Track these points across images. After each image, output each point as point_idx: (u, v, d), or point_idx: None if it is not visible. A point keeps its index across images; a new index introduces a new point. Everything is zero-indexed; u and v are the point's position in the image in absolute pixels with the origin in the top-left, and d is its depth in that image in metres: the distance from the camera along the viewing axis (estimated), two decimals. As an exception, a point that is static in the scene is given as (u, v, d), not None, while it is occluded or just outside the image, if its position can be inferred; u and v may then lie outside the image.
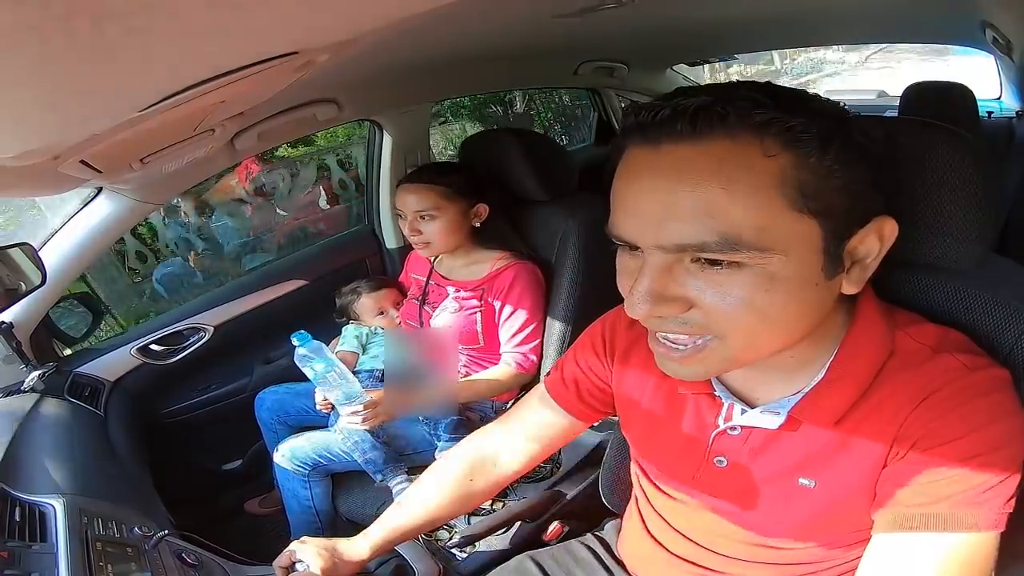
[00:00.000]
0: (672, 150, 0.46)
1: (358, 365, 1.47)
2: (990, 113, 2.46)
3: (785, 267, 0.46)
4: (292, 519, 1.39)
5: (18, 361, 1.25)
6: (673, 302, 0.49)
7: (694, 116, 0.45)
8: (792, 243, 0.46)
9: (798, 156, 0.45)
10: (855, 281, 0.51)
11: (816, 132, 0.45)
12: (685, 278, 0.48)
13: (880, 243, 0.50)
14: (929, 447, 0.51)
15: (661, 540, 0.74)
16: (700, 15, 1.44)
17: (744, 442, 0.62)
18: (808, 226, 0.46)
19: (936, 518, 0.50)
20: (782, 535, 0.62)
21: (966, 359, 0.53)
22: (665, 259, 0.48)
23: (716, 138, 0.45)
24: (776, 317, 0.48)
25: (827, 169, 0.45)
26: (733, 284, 0.47)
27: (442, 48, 1.24)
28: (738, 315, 0.48)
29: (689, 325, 0.50)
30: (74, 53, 0.27)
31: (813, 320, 0.52)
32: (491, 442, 0.85)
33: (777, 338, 0.51)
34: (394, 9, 0.43)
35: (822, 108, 0.47)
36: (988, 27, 1.42)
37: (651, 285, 0.48)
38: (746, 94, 0.45)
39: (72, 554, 0.76)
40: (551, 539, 1.02)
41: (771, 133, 0.44)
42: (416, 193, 1.32)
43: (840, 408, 0.56)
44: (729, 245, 0.45)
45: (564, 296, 1.32)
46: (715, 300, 0.48)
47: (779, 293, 0.47)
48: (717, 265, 0.47)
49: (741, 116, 0.44)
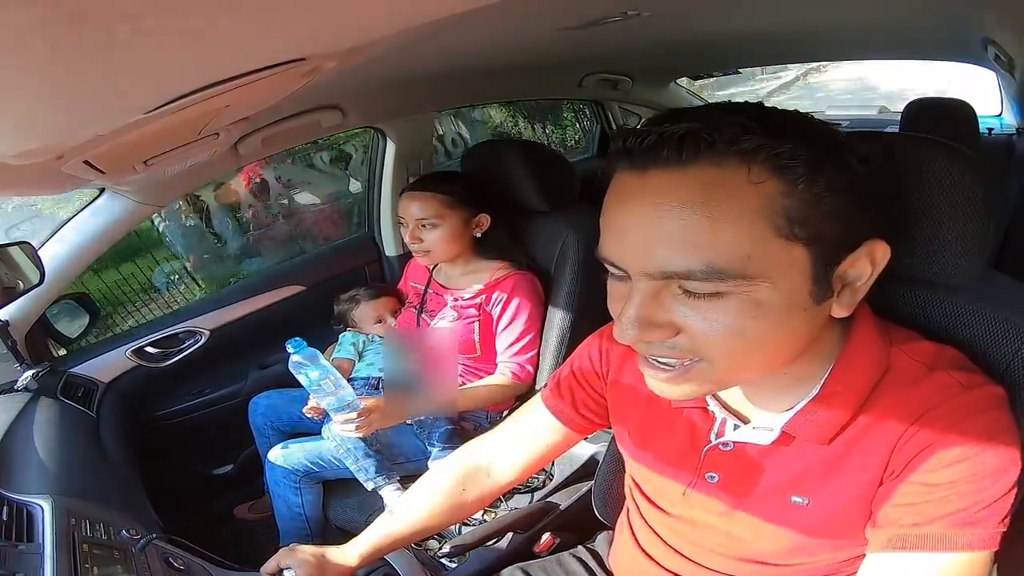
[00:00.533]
0: (658, 176, 0.45)
1: (354, 372, 1.46)
2: (991, 130, 2.48)
3: (772, 294, 0.46)
4: (282, 525, 1.37)
5: (12, 360, 1.24)
6: (660, 328, 0.49)
7: (680, 142, 0.44)
8: (779, 270, 0.46)
9: (786, 183, 0.44)
10: (845, 305, 0.51)
11: (805, 158, 0.44)
12: (672, 304, 0.48)
13: (872, 267, 0.50)
14: (924, 466, 0.51)
15: (652, 554, 0.74)
16: (704, 30, 1.46)
17: (736, 458, 0.62)
18: (796, 253, 0.46)
19: (931, 538, 0.50)
20: (775, 553, 0.62)
21: (961, 376, 0.53)
22: (652, 285, 0.48)
23: (702, 165, 0.44)
24: (763, 342, 0.48)
25: (816, 196, 0.45)
26: (719, 311, 0.47)
27: (447, 58, 1.25)
28: (724, 341, 0.48)
29: (677, 349, 0.50)
30: (82, 53, 0.27)
31: (802, 344, 0.52)
32: (485, 452, 0.84)
33: (765, 361, 0.51)
34: (402, 18, 0.43)
35: (813, 133, 0.46)
36: (990, 44, 1.44)
37: (638, 311, 0.48)
38: (734, 119, 0.44)
39: (58, 555, 0.75)
40: (542, 551, 1.01)
41: (759, 160, 0.44)
42: (419, 201, 1.32)
43: (834, 425, 0.56)
44: (715, 274, 0.45)
45: (562, 307, 1.32)
46: (702, 326, 0.48)
47: (766, 320, 0.47)
48: (702, 295, 0.47)
49: (728, 143, 0.44)
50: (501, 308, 1.32)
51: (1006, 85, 2.20)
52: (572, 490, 1.13)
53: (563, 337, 1.32)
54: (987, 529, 0.49)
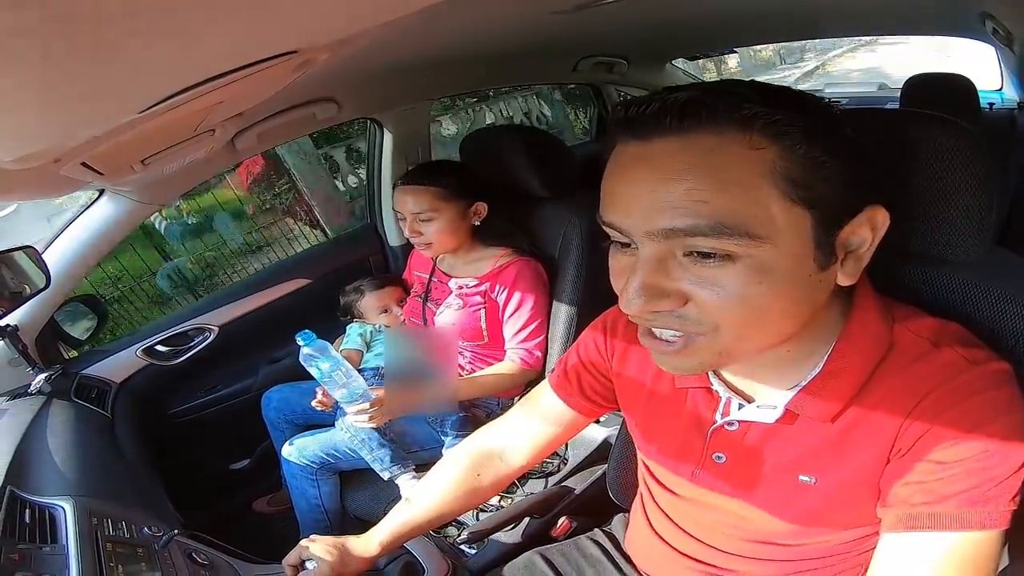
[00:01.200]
0: (662, 143, 0.46)
1: (362, 363, 1.47)
2: (991, 104, 2.44)
3: (777, 257, 0.47)
4: (301, 517, 1.39)
5: (24, 364, 1.25)
6: (668, 297, 0.49)
7: (682, 110, 0.45)
8: (783, 233, 0.46)
9: (785, 148, 0.45)
10: (850, 273, 0.51)
11: (801, 125, 0.45)
12: (678, 272, 0.48)
13: (872, 233, 0.50)
14: (933, 445, 0.50)
15: (665, 537, 0.74)
16: (699, 9, 1.43)
17: (742, 438, 0.62)
18: (798, 216, 0.47)
19: (943, 517, 0.50)
20: (785, 532, 0.62)
21: (967, 352, 0.53)
22: (657, 251, 0.48)
23: (703, 132, 0.45)
24: (769, 309, 0.48)
25: (814, 160, 0.46)
26: (726, 277, 0.47)
27: (441, 46, 1.24)
28: (732, 308, 0.48)
29: (684, 320, 0.50)
30: (74, 55, 0.27)
31: (806, 313, 0.52)
32: (497, 438, 0.85)
33: (771, 331, 0.51)
34: (392, 7, 0.43)
35: (808, 104, 0.47)
36: (988, 18, 1.41)
37: (644, 279, 0.49)
38: (733, 89, 0.46)
39: (83, 555, 0.76)
40: (559, 535, 1.02)
41: (757, 127, 0.45)
42: (412, 195, 1.31)
43: (838, 403, 0.55)
44: (721, 230, 0.45)
45: (568, 292, 1.32)
46: (709, 293, 0.48)
47: (772, 284, 0.47)
48: (709, 258, 0.47)
49: (728, 111, 0.45)
50: (507, 295, 1.32)
51: (1005, 59, 2.16)
52: (587, 474, 1.14)
53: (570, 322, 1.31)
54: (998, 507, 0.49)
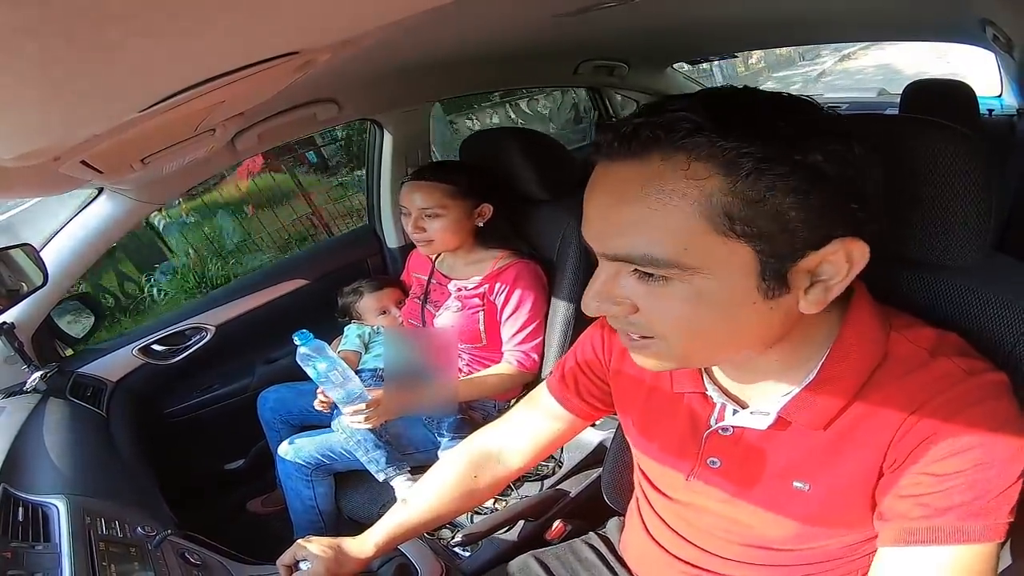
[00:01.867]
0: (617, 167, 0.49)
1: (361, 364, 1.47)
2: (991, 111, 2.45)
3: (712, 285, 0.48)
4: (295, 518, 1.39)
5: (20, 362, 1.25)
6: (619, 304, 0.53)
7: (631, 137, 0.47)
8: (717, 264, 0.47)
9: (727, 180, 0.45)
10: (814, 301, 0.50)
11: (752, 156, 0.44)
12: (628, 284, 0.52)
13: (849, 264, 0.49)
14: (930, 457, 0.50)
15: (661, 541, 0.74)
16: (700, 14, 1.44)
17: (736, 443, 0.62)
18: (736, 249, 0.47)
19: (942, 531, 0.50)
20: (780, 537, 0.62)
21: (964, 363, 0.52)
22: (611, 266, 0.52)
23: (651, 159, 0.47)
24: (710, 330, 0.51)
25: (759, 195, 0.45)
26: (663, 296, 0.50)
27: (442, 48, 1.24)
28: (672, 323, 0.51)
29: (635, 326, 0.54)
30: (75, 54, 0.27)
31: (761, 335, 0.52)
32: (494, 440, 0.85)
33: (719, 348, 0.54)
34: (394, 9, 0.43)
35: (772, 130, 0.45)
36: (988, 25, 1.42)
37: (600, 287, 0.53)
38: (690, 115, 0.45)
39: (76, 554, 0.76)
40: (554, 538, 1.02)
41: (702, 156, 0.45)
42: (422, 191, 1.32)
43: (830, 411, 0.55)
44: (650, 261, 0.48)
45: (566, 295, 1.32)
46: (651, 307, 0.51)
47: (707, 309, 0.49)
48: (649, 276, 0.50)
49: (674, 139, 0.45)
50: (505, 297, 1.32)
51: (1005, 66, 2.17)
52: (582, 477, 1.14)
53: (568, 325, 1.32)
54: (997, 519, 0.49)
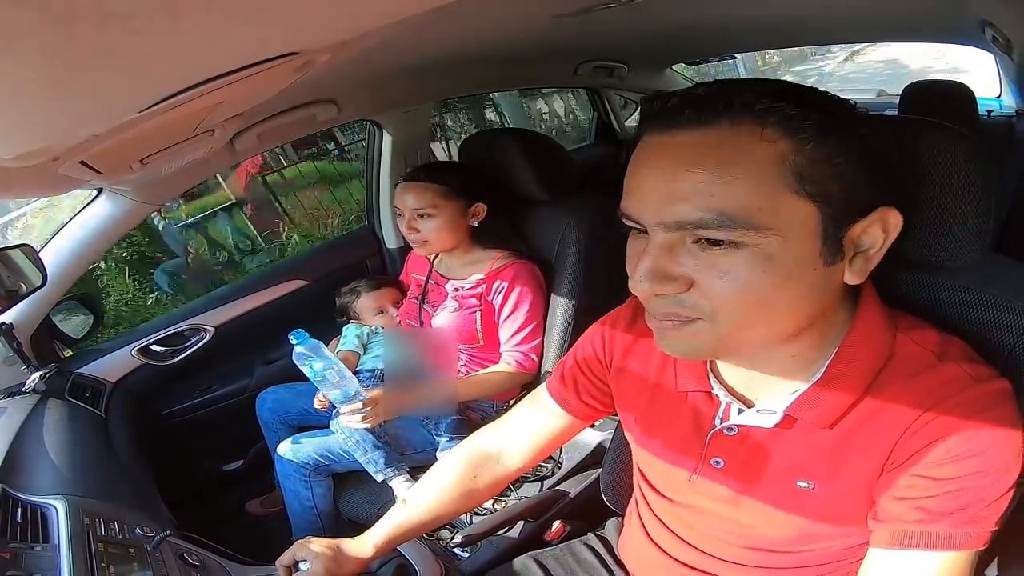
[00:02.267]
0: (680, 136, 0.49)
1: (359, 364, 1.47)
2: (989, 112, 2.46)
3: (782, 248, 0.48)
4: (294, 519, 1.39)
5: (19, 362, 1.25)
6: (673, 281, 0.50)
7: (700, 104, 0.48)
8: (789, 224, 0.47)
9: (797, 142, 0.47)
10: (857, 272, 0.52)
11: (815, 121, 0.47)
12: (686, 258, 0.50)
13: (885, 234, 0.51)
14: (929, 459, 0.51)
15: (660, 544, 0.74)
16: (700, 14, 1.44)
17: (741, 443, 0.62)
18: (806, 209, 0.48)
19: (936, 537, 0.51)
20: (782, 539, 0.62)
21: (971, 369, 0.53)
22: (667, 238, 0.50)
23: (720, 125, 0.47)
24: (771, 299, 0.49)
25: (825, 156, 0.47)
26: (731, 264, 0.48)
27: (441, 48, 1.24)
28: (734, 295, 0.49)
29: (686, 306, 0.51)
30: (74, 54, 0.27)
31: (810, 307, 0.52)
32: (494, 440, 0.85)
33: (772, 322, 0.52)
34: (394, 9, 0.43)
35: (824, 102, 0.49)
36: (987, 26, 1.42)
37: (653, 264, 0.50)
38: (753, 86, 0.48)
39: (74, 555, 0.76)
40: (553, 538, 1.02)
41: (771, 121, 0.46)
42: (414, 191, 1.32)
43: (837, 409, 0.56)
44: (726, 222, 0.47)
45: (565, 295, 1.32)
46: (713, 280, 0.49)
47: (775, 274, 0.48)
48: (717, 245, 0.48)
49: (743, 106, 0.47)
50: (503, 298, 1.32)
51: (1004, 67, 2.18)
52: (581, 478, 1.14)
53: (567, 325, 1.32)
54: (985, 527, 0.50)
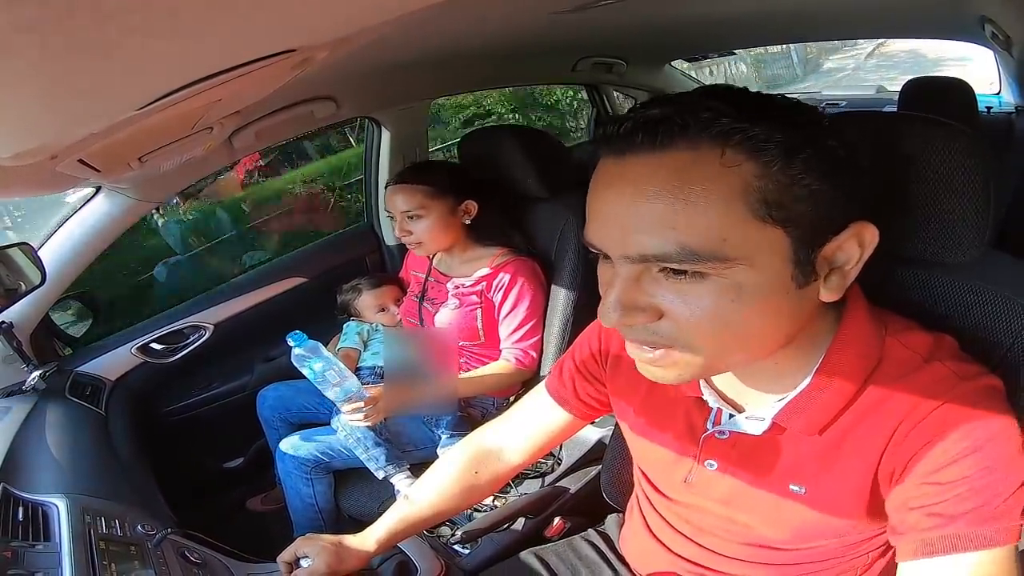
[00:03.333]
0: (635, 161, 0.46)
1: (360, 362, 1.47)
2: (989, 108, 2.46)
3: (751, 276, 0.46)
4: (295, 516, 1.39)
5: (19, 361, 1.25)
6: (643, 312, 0.49)
7: (654, 128, 0.45)
8: (757, 252, 0.45)
9: (761, 165, 0.44)
10: (834, 289, 0.50)
11: (780, 141, 0.44)
12: (653, 288, 0.48)
13: (860, 249, 0.49)
14: (931, 464, 0.50)
15: (662, 539, 0.74)
16: (698, 10, 1.43)
17: (733, 447, 0.62)
18: (773, 235, 0.46)
19: (957, 539, 0.49)
20: (779, 538, 0.62)
21: (957, 367, 0.52)
22: (633, 269, 0.48)
23: (677, 149, 0.45)
24: (744, 327, 0.48)
25: (791, 178, 0.45)
26: (699, 294, 0.47)
27: (440, 45, 1.24)
28: (705, 325, 0.48)
29: (659, 335, 0.49)
30: (72, 52, 0.26)
31: (787, 329, 0.51)
32: (494, 436, 0.85)
33: (749, 347, 0.51)
34: (392, 5, 0.43)
35: (790, 116, 0.46)
36: (987, 22, 1.42)
37: (620, 295, 0.49)
38: (710, 104, 0.45)
39: (76, 553, 0.76)
40: (553, 535, 1.02)
41: (733, 143, 0.44)
42: (401, 194, 1.32)
43: (825, 416, 0.55)
44: (689, 255, 0.45)
45: (565, 292, 1.32)
46: (682, 310, 0.47)
47: (746, 303, 0.47)
48: (682, 275, 0.46)
49: (702, 126, 0.44)
50: (503, 294, 1.32)
51: (1004, 63, 2.18)
52: (581, 474, 1.14)
53: (566, 322, 1.32)
54: (1010, 522, 0.48)
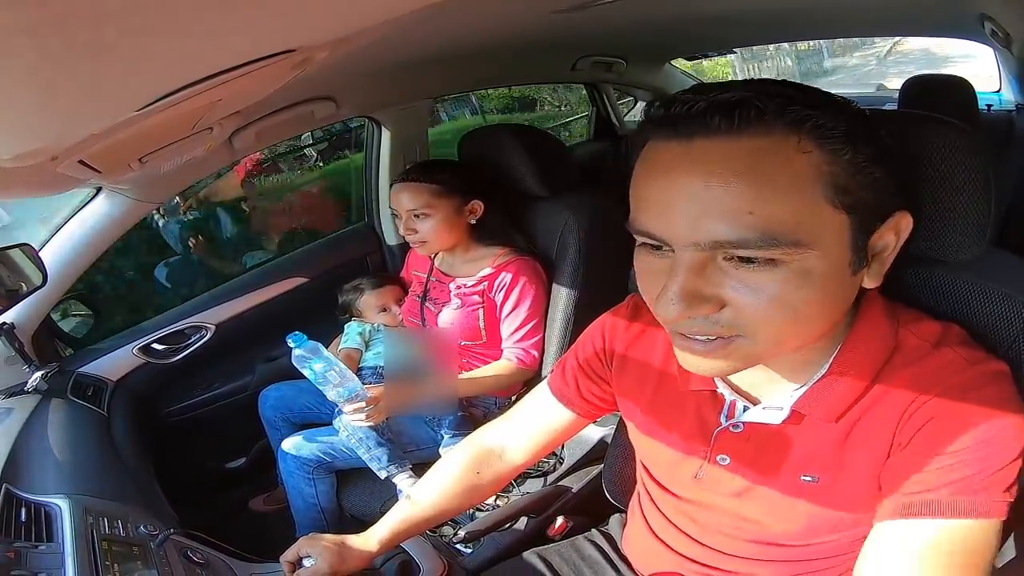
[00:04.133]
0: (706, 145, 0.45)
1: (361, 362, 1.47)
2: (989, 106, 2.45)
3: (819, 263, 0.46)
4: (297, 516, 1.39)
5: (20, 362, 1.25)
6: (707, 302, 0.47)
7: (731, 110, 0.44)
8: (827, 238, 0.46)
9: (831, 152, 0.45)
10: (875, 276, 0.52)
11: (846, 129, 0.45)
12: (719, 277, 0.47)
13: (896, 237, 0.51)
14: (930, 441, 0.51)
15: (665, 539, 0.74)
16: (698, 9, 1.43)
17: (747, 440, 0.62)
18: (840, 221, 0.46)
19: (935, 504, 0.50)
20: (787, 534, 0.62)
21: (966, 353, 0.54)
22: (698, 257, 0.46)
23: (752, 133, 0.44)
24: (806, 314, 0.48)
25: (857, 165, 0.46)
26: (768, 281, 0.46)
27: (440, 44, 1.23)
28: (771, 313, 0.47)
29: (720, 325, 0.48)
30: (72, 53, 0.26)
31: (837, 316, 0.52)
32: (496, 436, 0.85)
33: (803, 334, 0.51)
34: (392, 6, 0.42)
35: (844, 106, 0.47)
36: (987, 20, 1.42)
37: (684, 284, 0.47)
38: (778, 90, 0.45)
39: (79, 553, 0.76)
40: (556, 534, 1.02)
41: (806, 129, 0.44)
42: (408, 192, 1.32)
43: (843, 403, 0.56)
44: (769, 241, 0.44)
45: (566, 291, 1.32)
46: (749, 299, 0.47)
47: (811, 290, 0.47)
48: (751, 263, 0.46)
49: (777, 112, 0.44)
50: (504, 294, 1.32)
51: (1004, 61, 2.17)
52: (583, 473, 1.14)
53: (568, 322, 1.32)
54: (991, 496, 0.49)
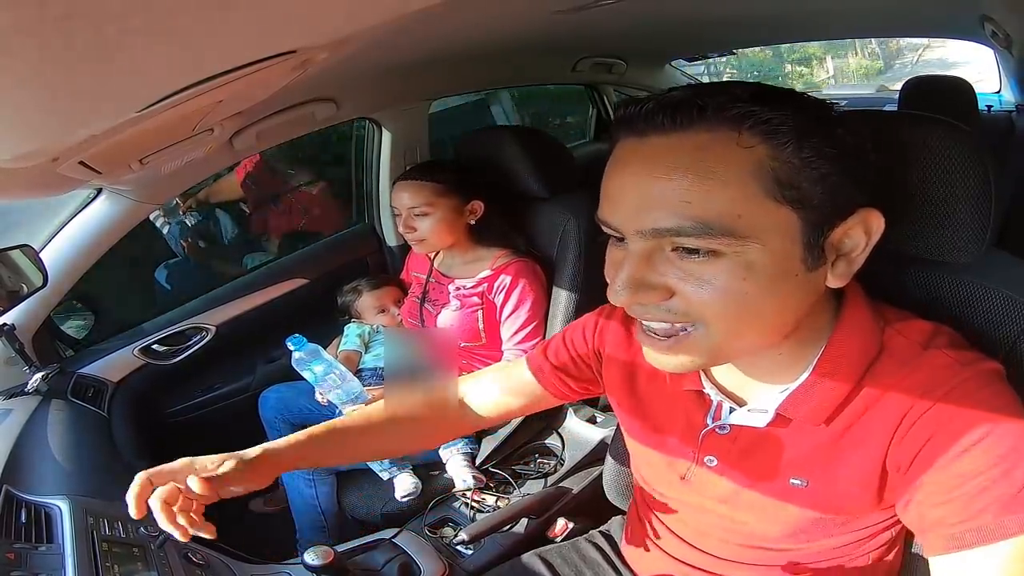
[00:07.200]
0: (655, 141, 0.48)
1: (360, 364, 1.47)
2: (989, 107, 2.46)
3: (762, 256, 0.47)
4: (297, 517, 1.39)
5: (21, 363, 1.25)
6: (654, 290, 0.50)
7: (675, 109, 0.47)
8: (769, 232, 0.47)
9: (774, 147, 0.46)
10: (840, 275, 0.52)
11: (792, 125, 0.46)
12: (665, 267, 0.50)
13: (867, 236, 0.51)
14: (943, 457, 0.50)
15: (661, 543, 0.74)
16: (698, 10, 1.43)
17: (733, 442, 0.62)
18: (785, 215, 0.47)
19: (985, 531, 0.48)
20: (775, 536, 0.62)
21: (956, 355, 0.53)
22: (645, 247, 0.49)
23: (695, 130, 0.47)
24: (755, 306, 0.49)
25: (803, 160, 0.47)
26: (713, 273, 0.48)
27: (440, 46, 1.24)
28: (716, 303, 0.49)
29: (672, 313, 0.51)
30: (72, 54, 0.26)
31: (796, 312, 0.52)
32: (463, 391, 0.86)
33: (760, 329, 0.52)
34: (391, 7, 0.43)
35: (802, 104, 0.48)
36: (987, 21, 1.42)
37: (632, 272, 0.50)
38: (727, 90, 0.47)
39: (79, 555, 0.76)
40: (557, 536, 1.02)
41: (747, 125, 0.46)
42: (410, 190, 1.33)
43: (828, 405, 0.55)
44: (704, 230, 0.46)
45: (566, 293, 1.32)
46: (695, 288, 0.49)
47: (757, 282, 0.48)
48: (695, 254, 0.48)
49: (719, 109, 0.46)
50: (504, 296, 1.32)
51: (1004, 62, 2.18)
52: (583, 475, 1.14)
53: (567, 323, 1.31)
54: None
